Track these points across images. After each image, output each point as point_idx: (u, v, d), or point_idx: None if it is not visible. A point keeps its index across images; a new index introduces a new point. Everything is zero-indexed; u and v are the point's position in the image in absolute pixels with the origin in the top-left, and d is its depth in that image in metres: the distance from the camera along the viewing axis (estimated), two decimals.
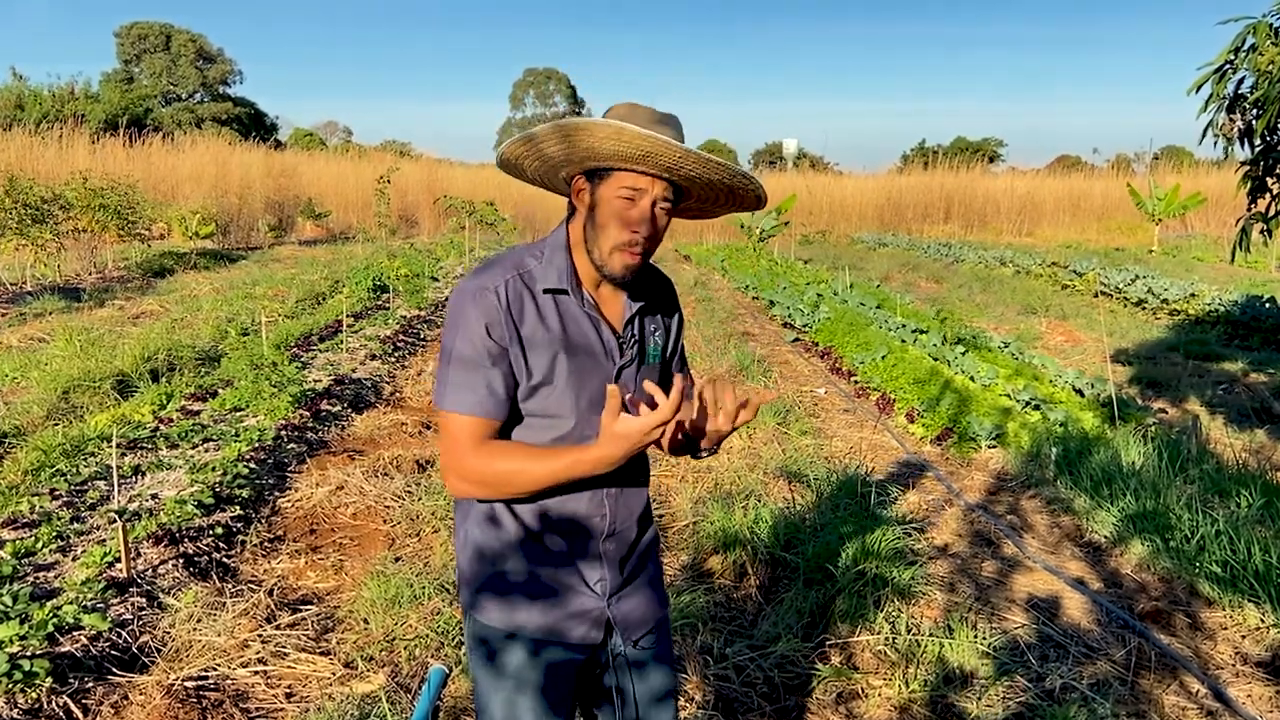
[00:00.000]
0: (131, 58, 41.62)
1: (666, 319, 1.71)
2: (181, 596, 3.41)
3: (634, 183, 1.43)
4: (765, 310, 11.83)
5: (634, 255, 1.46)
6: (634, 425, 1.36)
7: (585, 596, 1.57)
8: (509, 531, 1.55)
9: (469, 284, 1.49)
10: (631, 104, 1.47)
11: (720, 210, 1.64)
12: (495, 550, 1.56)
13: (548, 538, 1.55)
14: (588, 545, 1.57)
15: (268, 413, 5.57)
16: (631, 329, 1.59)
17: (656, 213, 1.46)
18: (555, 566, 1.56)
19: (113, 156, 20.22)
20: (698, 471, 5.08)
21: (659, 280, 1.71)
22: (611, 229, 1.45)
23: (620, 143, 1.37)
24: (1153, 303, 12.50)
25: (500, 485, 1.48)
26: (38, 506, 4.05)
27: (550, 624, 1.56)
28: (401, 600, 3.44)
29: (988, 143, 52.44)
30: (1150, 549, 3.95)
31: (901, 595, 3.49)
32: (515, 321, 1.47)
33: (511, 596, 1.56)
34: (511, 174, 1.63)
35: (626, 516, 1.61)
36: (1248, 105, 4.43)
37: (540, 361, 1.49)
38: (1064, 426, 5.67)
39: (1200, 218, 27.36)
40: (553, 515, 1.54)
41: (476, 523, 1.58)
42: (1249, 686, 3.06)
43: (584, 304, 1.53)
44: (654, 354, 1.63)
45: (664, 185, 1.45)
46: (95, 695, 2.80)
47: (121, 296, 11.11)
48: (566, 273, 1.52)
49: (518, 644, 1.56)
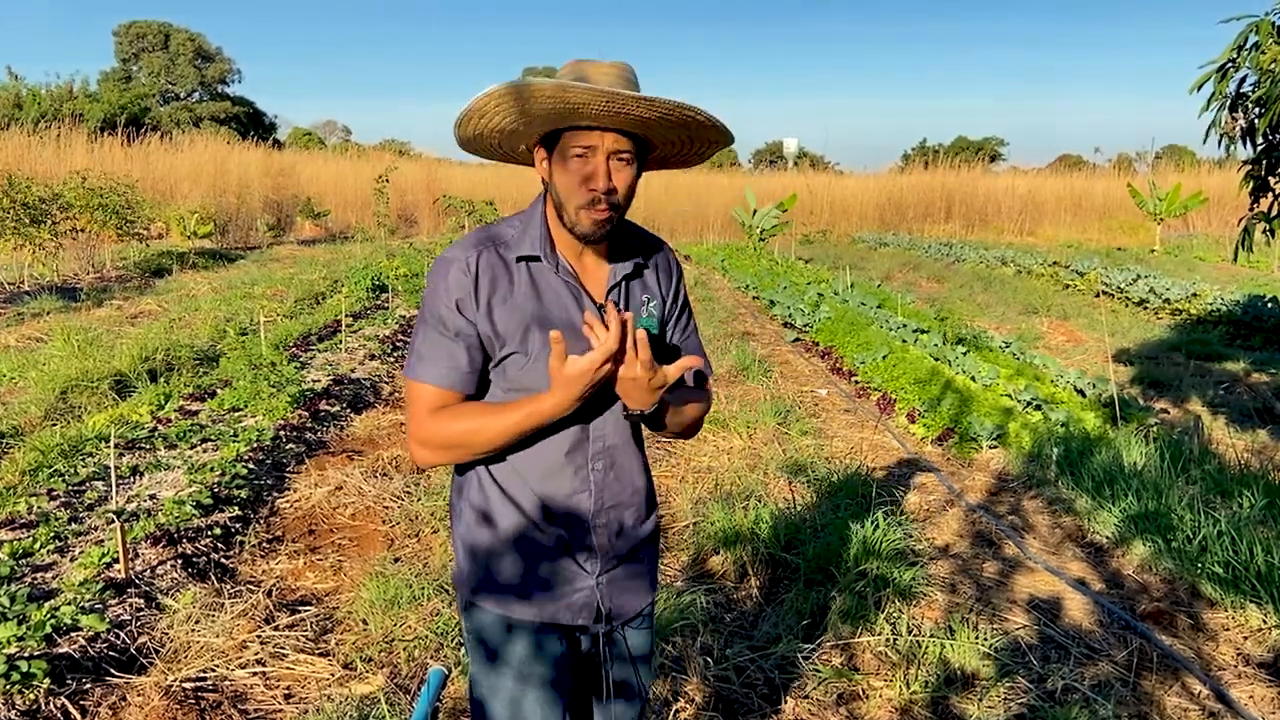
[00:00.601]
0: (130, 56, 41.55)
1: (663, 286, 1.65)
2: (180, 597, 3.40)
3: (584, 140, 1.41)
4: (766, 310, 11.82)
5: (601, 212, 1.43)
6: (581, 364, 1.36)
7: (577, 577, 1.57)
8: (499, 513, 1.55)
9: (442, 257, 1.50)
10: (576, 61, 1.44)
11: (693, 155, 1.59)
12: (487, 535, 1.56)
13: (538, 518, 1.54)
14: (577, 524, 1.56)
15: (266, 413, 5.55)
16: (617, 296, 1.56)
17: (613, 166, 1.43)
18: (546, 547, 1.55)
19: (111, 156, 20.17)
20: (698, 472, 5.07)
21: (649, 244, 1.65)
22: (573, 190, 1.43)
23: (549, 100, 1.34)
24: (1154, 302, 12.48)
25: (460, 445, 1.49)
26: (35, 507, 4.04)
27: (543, 606, 1.55)
28: (400, 601, 3.42)
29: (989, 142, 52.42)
30: (1152, 550, 3.94)
31: (902, 596, 3.48)
32: (487, 292, 1.47)
33: (504, 581, 1.56)
34: (480, 154, 1.61)
35: (616, 494, 1.58)
36: (1250, 104, 4.42)
37: (513, 331, 1.48)
38: (1065, 427, 5.65)
39: (1202, 217, 27.30)
40: (540, 495, 1.54)
41: (469, 507, 1.58)
42: (1251, 688, 3.05)
43: (559, 271, 1.51)
44: (646, 323, 1.58)
45: (614, 137, 1.41)
46: (93, 696, 2.79)
47: (119, 296, 11.09)
48: (540, 240, 1.51)
49: (512, 628, 1.56)
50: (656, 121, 1.41)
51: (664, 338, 1.65)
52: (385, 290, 11.55)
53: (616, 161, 1.43)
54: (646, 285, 1.62)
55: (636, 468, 1.62)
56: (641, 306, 1.60)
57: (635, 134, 1.44)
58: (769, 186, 27.95)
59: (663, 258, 1.67)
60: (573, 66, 1.43)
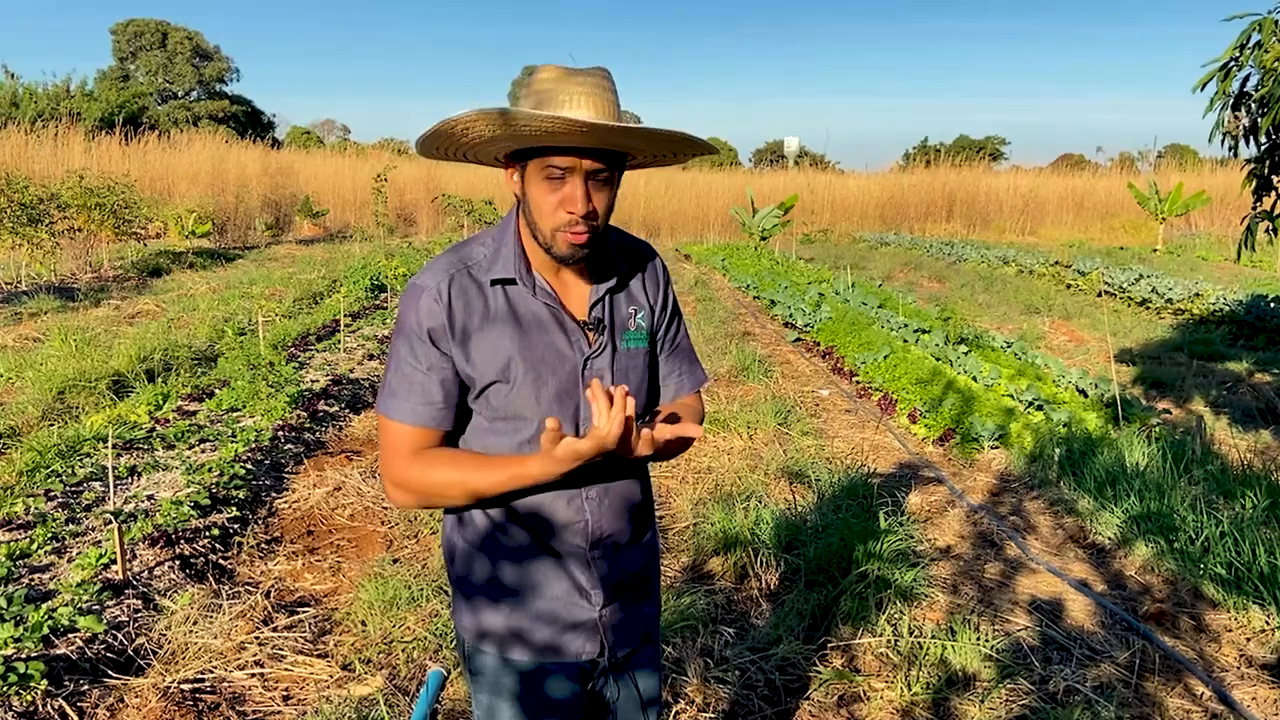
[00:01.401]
0: (127, 55, 41.52)
1: (650, 295, 1.55)
2: (178, 598, 3.38)
3: (560, 161, 1.30)
4: (766, 310, 11.79)
5: (578, 235, 1.34)
6: (573, 449, 1.26)
7: (578, 610, 1.49)
8: (493, 549, 1.47)
9: (412, 283, 1.41)
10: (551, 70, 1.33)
11: (668, 162, 1.51)
12: (481, 571, 1.49)
13: (533, 551, 1.46)
14: (574, 554, 1.47)
15: (264, 413, 5.53)
16: (600, 312, 1.46)
17: (592, 187, 1.32)
18: (544, 581, 1.47)
19: (108, 155, 20.13)
20: (698, 473, 5.05)
21: (633, 252, 1.55)
22: (548, 212, 1.33)
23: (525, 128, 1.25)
24: (1157, 302, 12.45)
25: (438, 496, 1.41)
26: (33, 508, 4.02)
27: (546, 643, 1.48)
28: (399, 602, 3.41)
29: (991, 141, 52.38)
30: (1154, 550, 3.93)
31: (904, 597, 3.47)
32: (462, 320, 1.38)
33: (503, 619, 1.48)
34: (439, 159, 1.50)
35: (613, 521, 1.49)
36: (1253, 102, 4.41)
37: (492, 360, 1.39)
38: (1067, 427, 5.64)
39: (1205, 216, 27.24)
40: (533, 527, 1.45)
41: (462, 542, 1.50)
42: (1254, 689, 3.03)
43: (536, 292, 1.41)
44: (633, 338, 1.49)
45: (593, 158, 1.32)
46: (91, 698, 2.77)
47: (117, 296, 11.06)
48: (514, 260, 1.41)
49: (515, 669, 1.49)
50: (639, 143, 1.35)
51: (654, 348, 1.57)
52: (384, 290, 11.53)
53: (595, 182, 1.33)
54: (633, 296, 1.52)
55: (634, 491, 1.54)
56: (628, 319, 1.50)
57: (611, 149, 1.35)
58: (770, 186, 27.95)
59: (649, 265, 1.57)
60: (548, 78, 1.32)
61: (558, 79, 1.31)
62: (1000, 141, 52.86)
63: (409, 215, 25.47)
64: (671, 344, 1.61)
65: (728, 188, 27.33)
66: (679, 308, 1.65)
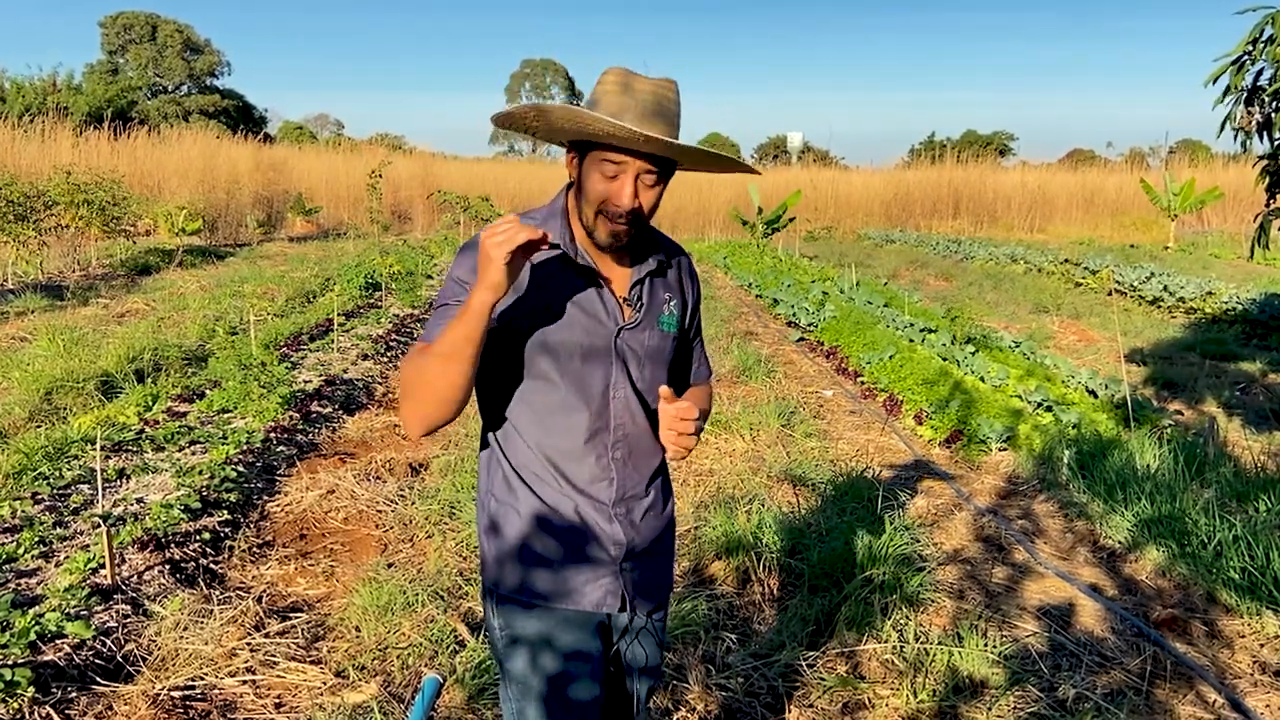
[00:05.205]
0: (116, 48, 41.22)
1: (686, 288, 1.71)
2: (167, 604, 3.31)
3: (615, 158, 1.44)
4: (769, 309, 11.73)
5: (619, 225, 1.47)
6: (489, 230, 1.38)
7: (601, 564, 1.59)
8: (521, 502, 1.57)
9: (470, 240, 1.53)
10: (624, 76, 1.46)
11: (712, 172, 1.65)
12: (510, 524, 1.58)
13: (559, 506, 1.57)
14: (598, 511, 1.58)
15: (256, 414, 5.45)
16: (640, 292, 1.59)
17: (640, 184, 1.47)
18: (569, 535, 1.57)
19: (97, 150, 19.95)
20: (699, 475, 4.99)
21: (672, 249, 1.70)
22: (595, 201, 1.48)
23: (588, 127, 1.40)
24: (1168, 301, 12.31)
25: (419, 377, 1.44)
26: (19, 511, 3.94)
27: (569, 594, 1.57)
28: (394, 608, 3.34)
29: (998, 136, 52.06)
30: (1166, 555, 3.87)
31: (909, 602, 3.41)
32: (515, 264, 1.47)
33: (528, 570, 1.58)
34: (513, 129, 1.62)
35: (636, 482, 1.61)
36: (1266, 97, 4.35)
37: (529, 317, 1.51)
38: (1077, 428, 5.58)
39: (1217, 213, 26.95)
40: (561, 482, 1.57)
41: (492, 498, 1.61)
42: (1268, 696, 2.99)
43: (579, 258, 1.54)
44: (668, 322, 1.63)
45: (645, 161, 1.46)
46: (79, 705, 2.72)
47: (106, 295, 10.94)
48: (562, 231, 1.54)
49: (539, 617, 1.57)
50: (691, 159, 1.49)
51: (682, 338, 1.71)
52: (379, 289, 11.44)
53: (645, 179, 1.47)
54: (669, 285, 1.66)
55: (655, 458, 1.65)
56: (664, 304, 1.63)
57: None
58: (773, 182, 27.62)
59: (686, 262, 1.74)
60: (616, 80, 1.45)
61: (625, 86, 1.45)
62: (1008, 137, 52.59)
63: (404, 212, 25.34)
64: (694, 337, 1.80)
65: (729, 184, 26.91)
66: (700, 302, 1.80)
